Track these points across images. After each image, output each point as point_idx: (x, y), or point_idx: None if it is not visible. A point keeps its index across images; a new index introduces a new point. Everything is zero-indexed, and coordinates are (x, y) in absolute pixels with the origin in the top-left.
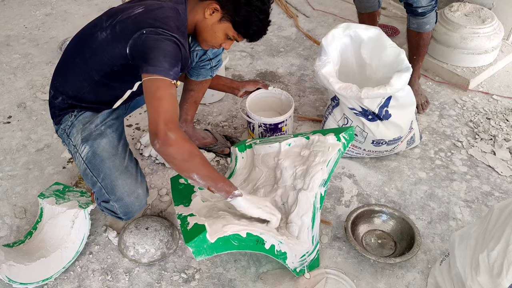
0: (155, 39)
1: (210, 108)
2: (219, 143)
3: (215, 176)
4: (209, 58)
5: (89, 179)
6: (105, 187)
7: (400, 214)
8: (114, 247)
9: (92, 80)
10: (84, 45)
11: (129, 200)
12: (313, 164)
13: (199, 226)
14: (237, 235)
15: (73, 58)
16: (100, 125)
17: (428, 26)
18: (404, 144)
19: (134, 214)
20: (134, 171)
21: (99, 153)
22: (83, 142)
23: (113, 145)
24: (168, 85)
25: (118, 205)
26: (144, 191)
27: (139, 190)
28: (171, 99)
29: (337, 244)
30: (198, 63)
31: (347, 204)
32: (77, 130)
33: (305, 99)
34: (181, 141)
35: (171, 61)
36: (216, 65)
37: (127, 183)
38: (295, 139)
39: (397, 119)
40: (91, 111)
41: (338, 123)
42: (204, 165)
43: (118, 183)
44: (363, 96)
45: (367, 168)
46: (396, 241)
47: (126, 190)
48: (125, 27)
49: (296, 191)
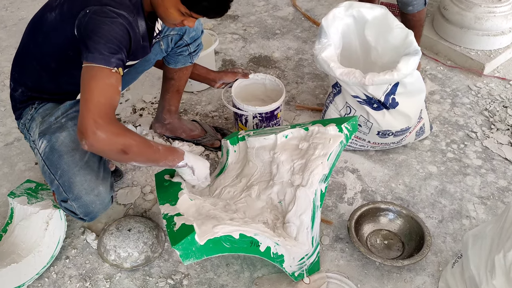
0: (98, 21)
1: (198, 96)
2: (209, 135)
3: (155, 157)
4: (186, 44)
5: (47, 176)
6: (62, 184)
7: (408, 212)
8: (93, 251)
9: (49, 68)
10: (37, 29)
11: (88, 198)
12: (312, 158)
13: (187, 227)
14: (229, 236)
15: (28, 46)
16: (61, 117)
17: (410, 8)
18: (412, 135)
19: (97, 214)
20: (95, 166)
21: (57, 147)
22: (41, 137)
23: (73, 139)
24: (106, 74)
25: (77, 204)
26: (106, 188)
27: (100, 187)
28: (106, 89)
29: (340, 245)
30: (175, 49)
31: (350, 201)
32: (36, 124)
33: (304, 86)
34: (112, 138)
35: (113, 47)
36: (195, 50)
37: (87, 179)
38: (293, 131)
39: (405, 108)
40: (53, 103)
41: (340, 112)
42: (141, 152)
43: (76, 180)
44: (368, 83)
45: (372, 162)
46: (404, 242)
47: (84, 187)
48: (72, 6)
49: (294, 187)
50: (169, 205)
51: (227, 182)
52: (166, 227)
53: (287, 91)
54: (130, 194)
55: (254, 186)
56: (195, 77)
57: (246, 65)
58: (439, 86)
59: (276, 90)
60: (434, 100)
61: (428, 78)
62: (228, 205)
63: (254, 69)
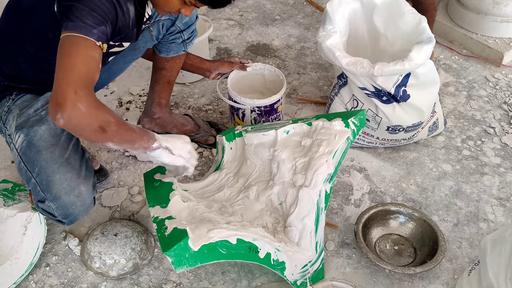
0: None
1: (190, 88)
2: (202, 130)
3: (132, 137)
4: (179, 30)
5: (24, 174)
6: (40, 183)
7: (420, 215)
8: (75, 258)
9: (27, 54)
10: (13, 11)
11: (68, 199)
12: (316, 156)
13: (180, 231)
14: (226, 241)
15: (4, 30)
16: (41, 109)
17: None
18: (425, 131)
19: (77, 217)
20: (77, 164)
21: (35, 142)
22: (18, 130)
23: (54, 133)
24: (89, 45)
25: (55, 205)
26: (88, 188)
27: (81, 187)
28: (89, 61)
29: (346, 251)
30: (167, 36)
31: (358, 203)
32: (13, 117)
33: (306, 77)
34: (92, 112)
35: (98, 18)
36: (189, 37)
37: (67, 178)
38: (295, 126)
39: (417, 101)
40: (32, 94)
41: (346, 106)
42: (119, 131)
43: (55, 179)
44: (377, 73)
45: (381, 160)
46: (416, 248)
47: (64, 187)
48: None
49: (296, 188)
50: (159, 208)
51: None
52: (156, 232)
53: (288, 82)
54: (116, 196)
55: (252, 187)
56: (187, 67)
57: (243, 54)
58: (454, 77)
59: (276, 82)
60: (449, 92)
61: (442, 68)
62: (224, 207)
63: (252, 59)
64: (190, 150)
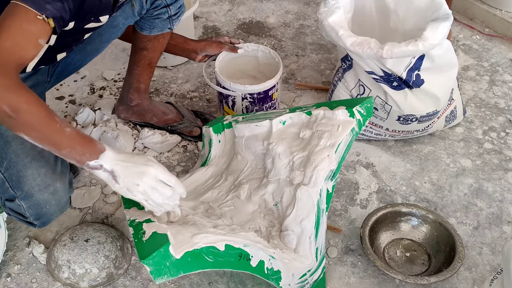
0: None
1: (173, 72)
2: (186, 120)
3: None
4: (165, 5)
5: None
6: (9, 179)
7: (435, 217)
8: (41, 267)
9: None
10: None
11: (41, 197)
12: (316, 150)
13: (160, 236)
14: (213, 248)
15: None
16: None
17: None
18: (441, 121)
19: (52, 217)
20: (52, 157)
21: (2, 132)
22: None
23: None
24: (27, 18)
25: (27, 204)
26: (64, 185)
27: (57, 183)
28: (19, 34)
29: (350, 258)
30: (151, 11)
31: (364, 204)
32: None
33: (306, 60)
34: (3, 92)
35: None
36: (176, 13)
37: (40, 173)
38: (292, 115)
39: (432, 87)
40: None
41: (351, 92)
42: (36, 124)
43: (27, 174)
44: (386, 55)
45: (391, 155)
46: (430, 254)
47: (37, 183)
48: None
49: (293, 187)
50: (136, 209)
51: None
52: (133, 237)
53: (285, 65)
54: (87, 196)
55: (243, 185)
56: (170, 48)
57: (233, 33)
58: (475, 59)
59: (271, 65)
60: (469, 77)
61: (461, 49)
62: (211, 209)
63: (244, 39)
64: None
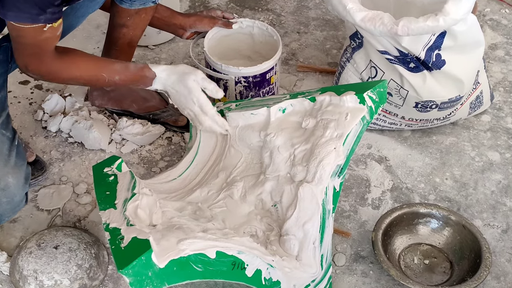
0: None
1: (155, 52)
2: (171, 108)
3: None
4: None
5: None
6: None
7: (459, 218)
8: (3, 278)
9: None
10: None
11: None
12: (321, 142)
13: (140, 242)
14: (202, 255)
15: None
16: None
17: None
18: (465, 108)
19: (3, 219)
20: (5, 148)
21: None
22: None
23: None
24: (35, 33)
25: None
26: (18, 180)
27: (8, 177)
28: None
29: (361, 267)
30: None
31: (376, 204)
32: None
33: (309, 37)
34: None
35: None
36: None
37: None
38: (293, 102)
39: (455, 69)
40: None
41: (361, 75)
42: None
43: None
44: (401, 32)
45: (408, 147)
46: (452, 261)
47: None
48: None
49: (294, 184)
50: (113, 211)
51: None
52: (110, 243)
53: (285, 44)
54: (57, 196)
55: (237, 183)
56: (154, 22)
57: (225, 7)
58: (504, 37)
59: (269, 44)
60: (497, 57)
61: (487, 25)
62: (200, 210)
63: (238, 13)
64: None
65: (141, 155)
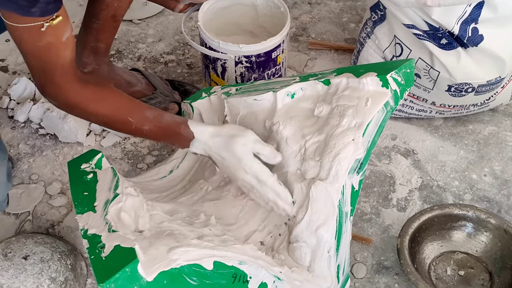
0: None
1: (141, 28)
2: (160, 94)
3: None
4: None
5: None
6: None
7: (499, 222)
8: None
9: None
10: None
11: None
12: (337, 132)
13: (124, 251)
14: (197, 266)
15: None
16: None
17: None
18: (507, 92)
19: None
20: None
21: None
22: None
23: None
24: (35, 35)
25: None
26: (0, 178)
27: None
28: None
29: (384, 279)
30: None
31: (402, 205)
32: None
33: (322, 9)
34: None
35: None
36: None
37: None
38: (304, 85)
39: (494, 45)
40: None
41: (384, 54)
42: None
43: None
44: (431, 2)
45: (439, 138)
46: (492, 272)
47: None
48: None
49: (306, 182)
50: (92, 214)
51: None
52: (89, 252)
53: (294, 17)
54: (26, 197)
55: None
56: None
57: None
58: None
59: (275, 17)
60: None
61: None
62: (195, 213)
63: None
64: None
65: (125, 149)
